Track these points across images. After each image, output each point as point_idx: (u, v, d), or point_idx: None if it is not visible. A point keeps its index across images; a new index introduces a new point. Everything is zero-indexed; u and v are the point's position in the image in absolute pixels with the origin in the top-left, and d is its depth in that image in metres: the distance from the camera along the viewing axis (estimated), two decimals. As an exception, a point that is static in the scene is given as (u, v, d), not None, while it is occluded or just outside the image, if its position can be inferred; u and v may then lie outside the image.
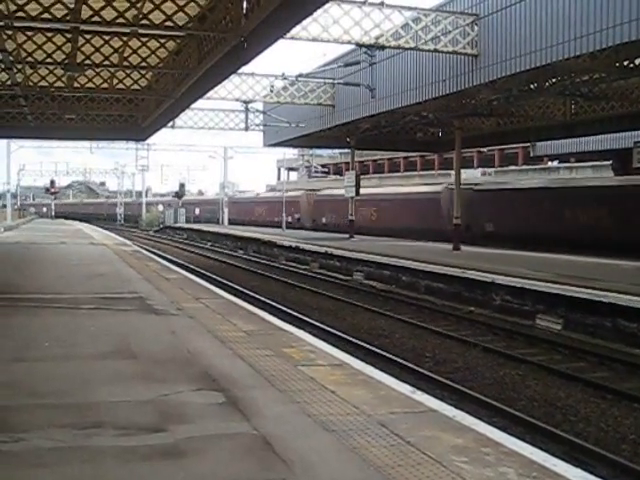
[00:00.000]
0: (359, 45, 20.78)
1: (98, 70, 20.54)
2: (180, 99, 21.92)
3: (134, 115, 28.80)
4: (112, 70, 20.64)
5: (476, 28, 20.14)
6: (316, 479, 4.28)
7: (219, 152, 67.36)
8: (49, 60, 18.34)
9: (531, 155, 41.81)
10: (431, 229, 33.59)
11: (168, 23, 14.47)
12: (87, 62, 18.66)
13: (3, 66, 18.74)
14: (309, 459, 4.54)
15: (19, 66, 19.35)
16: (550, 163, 49.49)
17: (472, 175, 44.50)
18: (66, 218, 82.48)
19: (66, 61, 18.63)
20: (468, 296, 17.96)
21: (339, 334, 13.97)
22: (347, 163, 45.03)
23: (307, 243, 31.19)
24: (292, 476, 4.28)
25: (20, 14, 13.77)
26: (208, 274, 24.18)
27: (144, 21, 14.46)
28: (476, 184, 34.94)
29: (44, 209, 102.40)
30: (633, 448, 7.97)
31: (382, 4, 19.64)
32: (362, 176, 39.10)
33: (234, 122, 34.05)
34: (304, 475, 4.30)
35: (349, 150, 38.15)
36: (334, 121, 30.16)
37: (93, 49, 17.91)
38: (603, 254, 22.33)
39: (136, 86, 22.64)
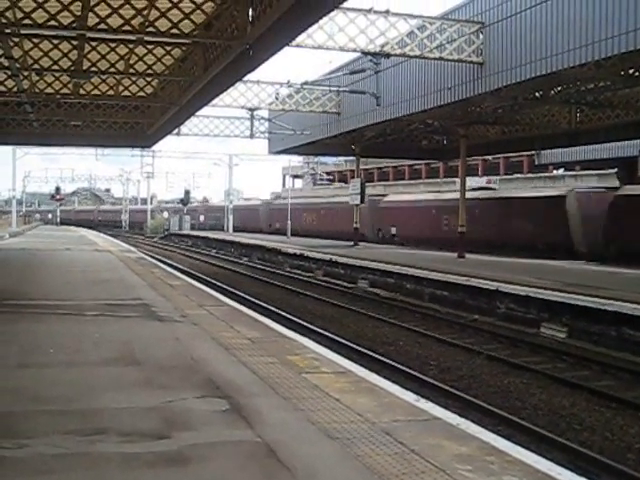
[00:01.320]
0: (364, 53, 20.83)
1: (104, 77, 20.61)
2: (185, 106, 21.99)
3: (139, 122, 28.89)
4: (118, 77, 20.71)
5: (481, 36, 20.18)
6: (320, 487, 4.27)
7: (224, 159, 67.66)
8: (55, 67, 18.41)
9: (536, 163, 41.80)
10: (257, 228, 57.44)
11: (174, 31, 14.52)
12: (93, 69, 18.73)
13: (10, 73, 18.81)
14: (313, 467, 4.53)
15: (25, 73, 19.42)
16: (555, 171, 49.43)
17: (476, 183, 44.47)
18: (71, 225, 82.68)
19: (72, 68, 18.70)
20: (472, 304, 17.93)
21: (343, 342, 13.95)
22: (352, 171, 45.01)
23: (311, 250, 31.19)
24: (296, 484, 4.27)
25: (27, 21, 13.84)
26: (212, 281, 24.18)
27: (150, 28, 14.51)
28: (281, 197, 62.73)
29: (49, 215, 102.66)
30: (638, 457, 7.94)
31: (388, 12, 19.72)
32: (367, 184, 39.14)
33: (239, 129, 34.16)
34: (308, 483, 4.29)
35: (354, 158, 38.19)
36: (339, 129, 30.23)
37: (99, 56, 17.99)
38: (606, 263, 22.30)
39: (142, 93, 22.72)
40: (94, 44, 17.30)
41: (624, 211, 24.77)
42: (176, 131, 31.36)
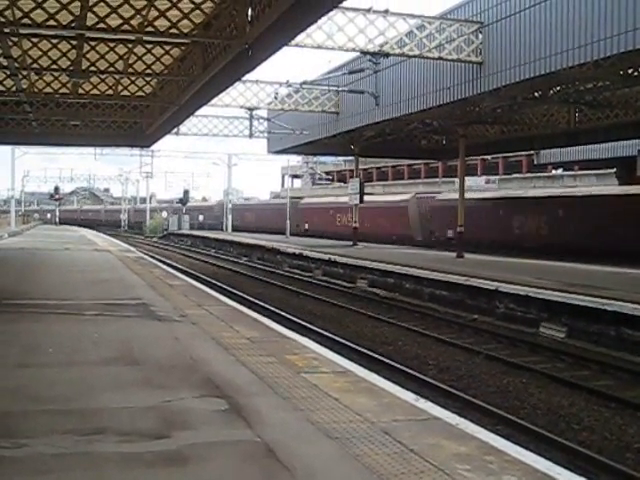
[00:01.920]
0: (363, 52, 20.82)
1: (103, 77, 20.58)
2: (184, 106, 21.96)
3: (138, 122, 28.86)
4: (117, 77, 20.68)
5: (480, 36, 20.19)
6: (319, 486, 4.27)
7: (223, 159, 67.61)
8: (54, 67, 18.38)
9: (535, 163, 41.84)
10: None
11: (173, 30, 14.50)
12: (92, 69, 18.70)
13: (8, 72, 18.79)
14: (312, 466, 4.53)
15: (24, 73, 19.40)
16: (554, 171, 49.44)
17: (475, 183, 44.48)
18: (70, 224, 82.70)
19: (71, 68, 18.65)
20: (472, 304, 17.93)
21: (343, 341, 13.96)
22: (351, 170, 45.17)
23: (311, 250, 31.18)
24: (295, 483, 4.27)
25: (26, 21, 13.81)
26: (212, 281, 24.19)
27: (149, 28, 14.48)
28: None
29: (48, 215, 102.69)
30: (637, 457, 7.94)
31: (387, 12, 19.71)
32: (366, 183, 39.20)
33: (238, 129, 34.16)
34: (307, 482, 4.29)
35: (353, 157, 38.19)
36: (338, 128, 30.22)
37: (98, 56, 17.96)
38: (606, 262, 22.34)
39: (141, 93, 22.69)
40: (93, 44, 17.27)
41: (436, 211, 36.80)
42: (175, 131, 31.34)
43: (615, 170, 35.90)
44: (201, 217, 73.04)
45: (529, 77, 18.74)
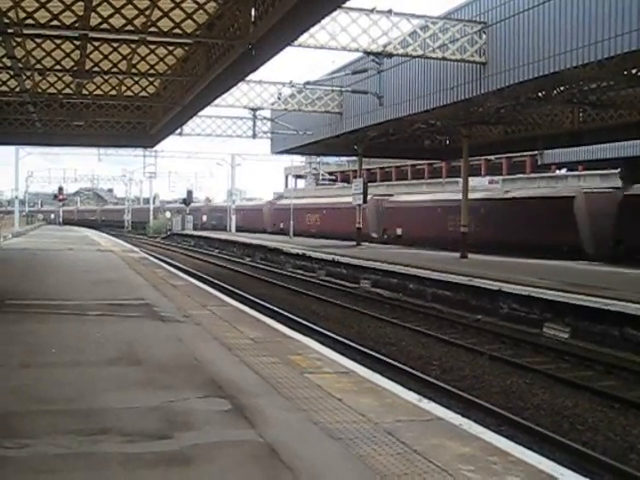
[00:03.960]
0: (367, 53, 20.79)
1: (106, 77, 20.60)
2: (188, 106, 21.97)
3: (142, 122, 28.87)
4: (120, 77, 20.71)
5: (484, 36, 20.15)
6: (322, 487, 4.27)
7: (227, 159, 67.53)
8: (58, 67, 18.41)
9: (539, 163, 41.75)
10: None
11: (176, 31, 14.51)
12: (95, 69, 18.71)
13: (12, 73, 18.83)
14: (315, 467, 4.52)
15: (28, 73, 19.43)
16: (558, 171, 49.38)
17: (479, 183, 44.41)
18: (74, 225, 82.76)
19: (75, 68, 18.70)
20: (475, 304, 17.91)
21: (346, 342, 13.94)
22: (354, 171, 45.03)
23: (314, 251, 31.16)
24: (298, 484, 4.26)
25: (29, 21, 13.82)
26: (215, 281, 24.17)
27: (152, 29, 14.51)
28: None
29: (52, 215, 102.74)
30: (641, 458, 7.92)
31: (390, 12, 19.68)
32: (369, 184, 39.14)
33: (242, 129, 34.15)
34: (310, 483, 4.28)
35: (357, 158, 38.17)
36: (341, 129, 30.18)
37: (102, 56, 17.97)
38: (612, 263, 22.28)
39: (144, 93, 22.70)
40: (96, 44, 17.29)
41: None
42: (178, 131, 31.35)
43: (619, 170, 35.82)
44: (204, 217, 73.02)
45: (533, 77, 18.71)
